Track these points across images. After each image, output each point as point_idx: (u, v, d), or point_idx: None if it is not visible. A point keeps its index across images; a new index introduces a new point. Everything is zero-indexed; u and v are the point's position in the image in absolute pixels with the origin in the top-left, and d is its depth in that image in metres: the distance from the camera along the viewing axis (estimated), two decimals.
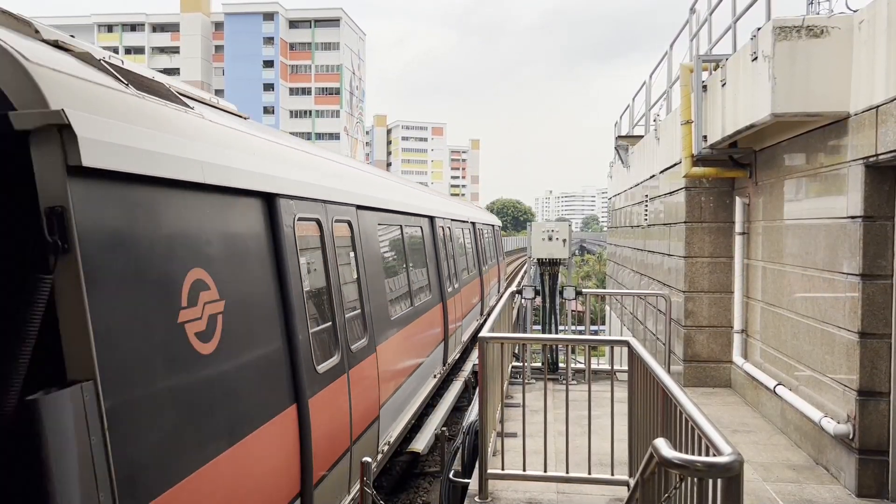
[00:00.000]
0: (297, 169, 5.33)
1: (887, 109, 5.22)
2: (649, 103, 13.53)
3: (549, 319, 10.72)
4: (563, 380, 9.47)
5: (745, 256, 8.68)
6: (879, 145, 5.32)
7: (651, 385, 4.58)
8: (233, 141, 4.32)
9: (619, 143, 15.85)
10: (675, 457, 2.95)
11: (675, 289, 9.89)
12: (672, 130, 10.03)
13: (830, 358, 6.13)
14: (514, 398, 8.32)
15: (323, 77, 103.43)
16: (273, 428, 4.31)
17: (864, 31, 5.70)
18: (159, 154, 3.29)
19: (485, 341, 5.69)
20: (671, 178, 10.26)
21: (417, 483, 9.78)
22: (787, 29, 6.11)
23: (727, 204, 9.16)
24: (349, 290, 6.43)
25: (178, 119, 3.73)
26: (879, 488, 5.64)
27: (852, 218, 5.72)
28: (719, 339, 9.22)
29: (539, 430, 5.87)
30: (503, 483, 5.84)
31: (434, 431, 9.25)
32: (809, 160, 6.68)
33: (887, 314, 5.57)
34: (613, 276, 18.50)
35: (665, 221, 10.77)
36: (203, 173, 3.65)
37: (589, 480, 5.62)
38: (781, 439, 7.16)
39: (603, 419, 5.65)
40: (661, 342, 10.15)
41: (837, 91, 5.94)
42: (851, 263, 5.72)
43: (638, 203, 13.67)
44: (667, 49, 11.58)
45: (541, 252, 10.48)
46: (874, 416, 5.62)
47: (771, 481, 6.07)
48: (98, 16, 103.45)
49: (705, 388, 9.15)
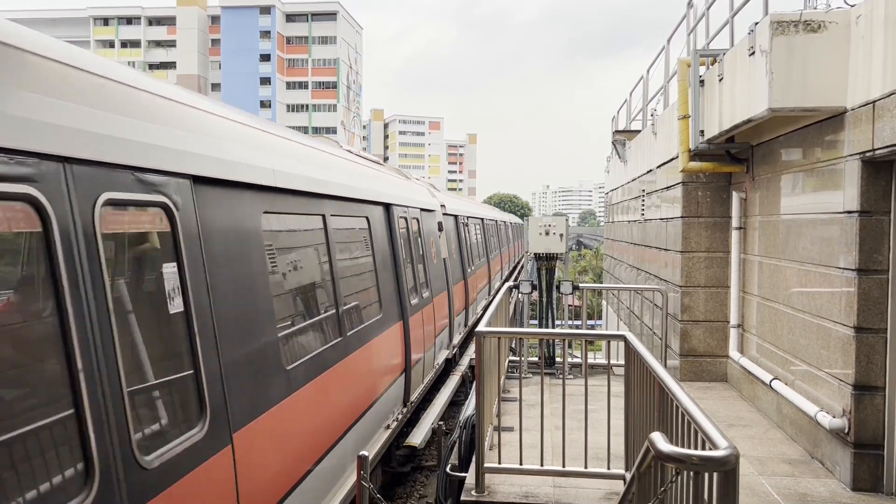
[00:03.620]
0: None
1: (884, 104, 5.22)
2: (646, 98, 13.52)
3: (545, 314, 10.73)
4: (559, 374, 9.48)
5: (742, 251, 8.69)
6: (876, 140, 5.32)
7: (647, 379, 4.59)
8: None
9: (617, 138, 15.85)
10: (672, 451, 2.96)
11: (671, 283, 9.90)
12: (669, 125, 10.03)
13: (826, 352, 6.15)
14: (510, 392, 8.33)
15: (320, 71, 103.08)
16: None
17: (861, 26, 5.70)
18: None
19: (482, 336, 5.69)
20: (668, 172, 10.26)
21: (414, 477, 9.81)
22: (784, 24, 6.11)
23: (724, 199, 9.17)
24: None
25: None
26: (874, 482, 5.66)
27: (849, 213, 5.73)
28: (715, 334, 9.23)
29: (536, 424, 5.88)
30: (500, 477, 5.85)
31: (431, 426, 9.26)
32: (806, 155, 6.68)
33: (883, 309, 5.59)
34: (610, 271, 18.52)
35: (662, 216, 10.77)
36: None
37: (585, 474, 5.63)
38: (777, 433, 7.19)
39: (599, 413, 5.66)
40: (658, 337, 10.16)
41: (834, 86, 5.94)
42: (848, 258, 5.73)
43: (635, 198, 13.67)
44: (664, 44, 11.57)
45: (538, 247, 10.49)
46: (869, 411, 5.64)
47: (766, 475, 6.10)
48: (94, 9, 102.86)
49: (701, 383, 9.17)
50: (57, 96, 2.79)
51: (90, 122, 2.95)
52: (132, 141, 3.23)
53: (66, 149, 2.75)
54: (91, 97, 3.03)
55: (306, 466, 5.06)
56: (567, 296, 10.27)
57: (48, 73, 2.81)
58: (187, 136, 3.80)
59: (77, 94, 2.93)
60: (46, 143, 2.64)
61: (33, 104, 2.62)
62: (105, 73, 3.26)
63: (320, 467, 5.33)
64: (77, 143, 2.82)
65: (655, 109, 12.64)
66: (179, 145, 3.66)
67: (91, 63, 3.19)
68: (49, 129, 2.67)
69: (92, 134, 2.94)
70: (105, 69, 3.29)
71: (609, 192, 19.12)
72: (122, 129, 3.16)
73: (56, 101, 2.77)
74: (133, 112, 3.33)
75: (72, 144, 2.79)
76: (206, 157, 3.94)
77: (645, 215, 12.41)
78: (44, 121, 2.65)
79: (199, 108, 4.22)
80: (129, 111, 3.31)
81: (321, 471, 5.35)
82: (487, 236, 22.35)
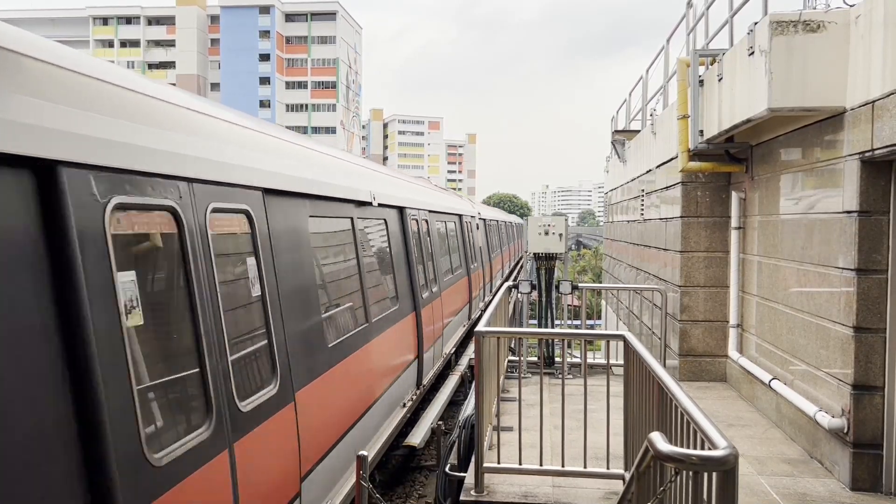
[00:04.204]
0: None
1: (883, 104, 5.22)
2: (646, 98, 13.52)
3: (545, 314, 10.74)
4: (559, 374, 9.49)
5: (741, 251, 8.69)
6: (875, 140, 5.32)
7: (647, 379, 4.59)
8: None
9: (616, 137, 15.84)
10: (671, 450, 2.96)
11: (671, 283, 9.90)
12: (668, 125, 10.03)
13: (825, 352, 6.15)
14: (510, 392, 8.33)
15: (319, 71, 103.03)
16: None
17: (860, 26, 5.70)
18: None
19: (481, 335, 5.69)
20: (667, 172, 10.26)
21: (414, 477, 9.81)
22: (783, 24, 6.11)
23: (723, 199, 9.17)
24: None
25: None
26: (873, 482, 5.66)
27: (848, 213, 5.73)
28: (715, 334, 9.24)
29: (535, 424, 5.88)
30: (499, 477, 5.85)
31: (430, 425, 9.26)
32: (805, 155, 6.68)
33: (882, 309, 5.59)
34: (609, 271, 18.52)
35: (661, 216, 10.78)
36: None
37: (584, 474, 5.64)
38: (776, 433, 7.19)
39: (598, 413, 5.66)
40: (657, 336, 10.17)
41: (834, 86, 5.95)
42: (847, 258, 5.73)
43: (634, 198, 13.68)
44: (663, 44, 11.57)
45: (537, 247, 10.50)
46: (868, 411, 5.64)
47: (766, 475, 6.10)
48: (93, 8, 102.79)
49: (701, 383, 9.18)
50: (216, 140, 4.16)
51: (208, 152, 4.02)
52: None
53: (191, 172, 3.74)
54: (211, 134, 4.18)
55: (345, 426, 6.07)
56: (566, 295, 10.27)
57: (207, 128, 4.15)
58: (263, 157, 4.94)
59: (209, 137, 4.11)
60: (188, 169, 3.69)
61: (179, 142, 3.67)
62: (210, 112, 4.32)
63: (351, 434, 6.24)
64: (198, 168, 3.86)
65: (655, 109, 12.64)
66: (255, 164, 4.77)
67: (198, 105, 4.23)
68: (189, 160, 3.70)
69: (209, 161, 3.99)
70: (207, 109, 4.32)
71: (608, 192, 19.12)
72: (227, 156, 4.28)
73: (199, 140, 3.94)
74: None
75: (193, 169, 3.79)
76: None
77: (644, 215, 12.41)
78: (184, 153, 3.67)
79: (278, 137, 5.41)
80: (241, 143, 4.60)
81: (352, 436, 6.27)
82: (500, 234, 29.51)
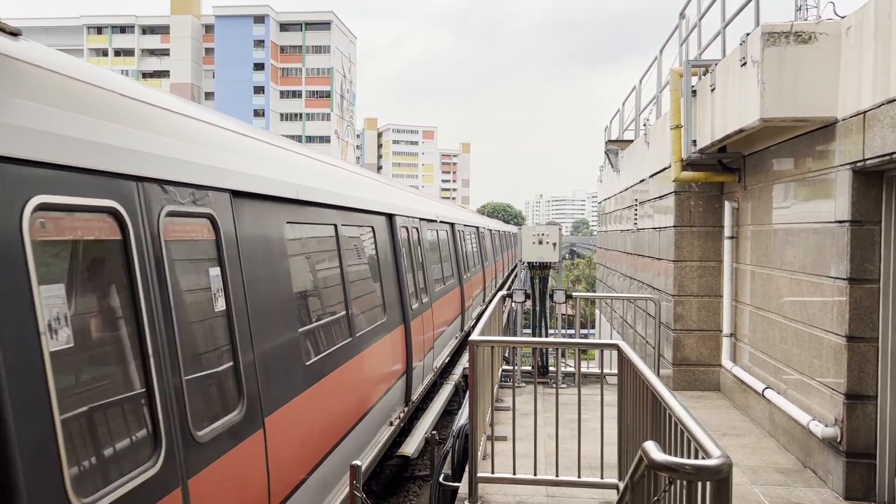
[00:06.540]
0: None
1: (874, 115, 5.26)
2: (639, 108, 13.59)
3: (539, 323, 10.73)
4: (552, 383, 9.48)
5: (734, 260, 8.72)
6: (867, 150, 5.36)
7: (640, 388, 4.59)
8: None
9: (610, 147, 15.90)
10: (665, 460, 2.95)
11: (664, 292, 9.92)
12: (661, 135, 10.07)
13: (818, 361, 6.16)
14: (503, 402, 8.32)
15: (313, 80, 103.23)
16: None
17: (851, 37, 5.75)
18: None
19: (475, 344, 5.69)
20: (661, 182, 10.30)
21: (407, 487, 9.76)
22: (775, 34, 6.15)
23: (716, 208, 9.21)
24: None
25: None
26: (867, 491, 5.67)
27: (840, 222, 5.76)
28: (708, 343, 9.25)
29: (529, 433, 5.87)
30: (493, 486, 5.83)
31: (424, 435, 9.23)
32: (798, 165, 6.72)
33: (874, 318, 5.61)
34: (603, 280, 18.54)
35: (655, 225, 10.81)
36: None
37: (578, 484, 5.63)
38: (770, 442, 7.19)
39: (592, 422, 5.66)
40: (651, 346, 10.17)
41: (825, 96, 5.99)
42: (839, 267, 5.75)
43: (628, 207, 13.72)
44: (656, 54, 11.64)
45: (531, 255, 10.50)
46: (861, 420, 5.65)
47: (759, 484, 6.10)
48: (87, 17, 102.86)
49: (694, 392, 9.18)
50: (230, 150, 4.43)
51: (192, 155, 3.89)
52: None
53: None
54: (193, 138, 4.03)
55: (320, 455, 5.45)
56: (560, 304, 10.27)
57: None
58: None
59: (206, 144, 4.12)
60: (136, 166, 3.36)
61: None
62: (169, 106, 4.01)
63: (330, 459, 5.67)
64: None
65: (648, 119, 12.69)
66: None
67: (155, 99, 3.91)
68: (137, 155, 3.36)
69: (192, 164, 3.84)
70: (166, 103, 4.01)
71: (602, 202, 19.17)
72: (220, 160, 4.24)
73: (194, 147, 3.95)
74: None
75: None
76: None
77: (638, 224, 12.45)
78: (131, 148, 3.34)
79: (253, 137, 5.11)
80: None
81: (331, 461, 5.70)
82: (494, 243, 32.52)
